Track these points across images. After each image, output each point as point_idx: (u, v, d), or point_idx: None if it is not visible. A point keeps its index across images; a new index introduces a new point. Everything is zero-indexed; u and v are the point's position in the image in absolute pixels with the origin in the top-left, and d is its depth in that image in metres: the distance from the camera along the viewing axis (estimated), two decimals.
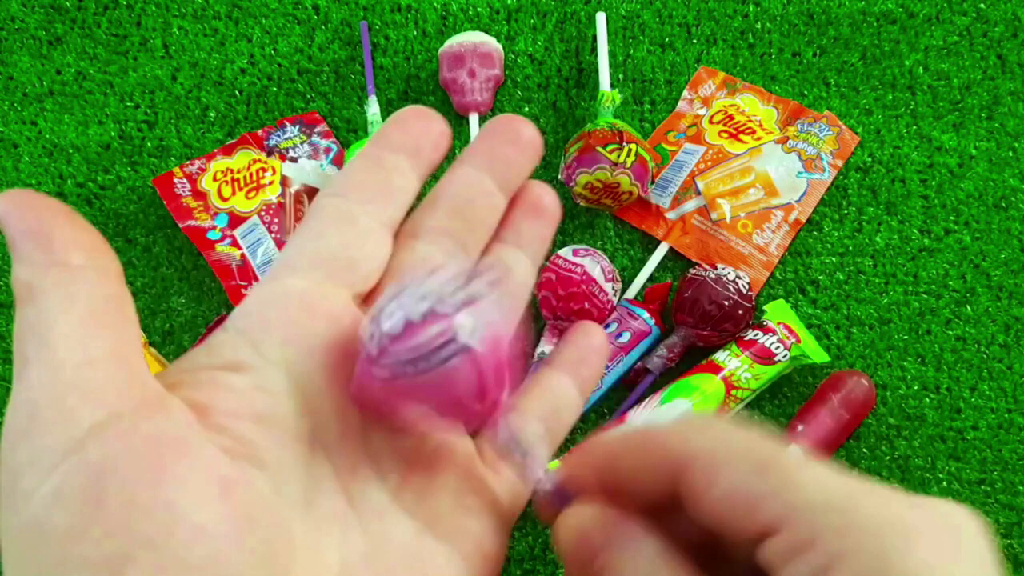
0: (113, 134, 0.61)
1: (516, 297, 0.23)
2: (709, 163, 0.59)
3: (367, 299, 0.21)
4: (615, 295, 0.55)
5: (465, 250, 0.22)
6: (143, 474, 0.15)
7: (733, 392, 0.51)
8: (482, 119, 0.61)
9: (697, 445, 0.17)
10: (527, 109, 0.62)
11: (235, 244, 0.56)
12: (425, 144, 0.22)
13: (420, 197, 0.23)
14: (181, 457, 0.16)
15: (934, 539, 0.15)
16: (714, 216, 0.57)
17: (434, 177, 0.26)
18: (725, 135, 0.60)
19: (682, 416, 0.18)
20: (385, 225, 0.21)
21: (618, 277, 0.56)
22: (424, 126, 0.22)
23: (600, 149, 0.54)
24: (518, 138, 0.22)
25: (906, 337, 0.56)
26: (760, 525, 0.16)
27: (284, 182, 0.58)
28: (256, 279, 0.56)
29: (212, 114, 0.62)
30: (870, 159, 0.60)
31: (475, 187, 0.22)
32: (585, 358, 0.24)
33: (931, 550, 0.15)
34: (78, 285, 0.17)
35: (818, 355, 0.53)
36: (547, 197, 0.24)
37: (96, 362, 0.16)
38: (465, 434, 0.20)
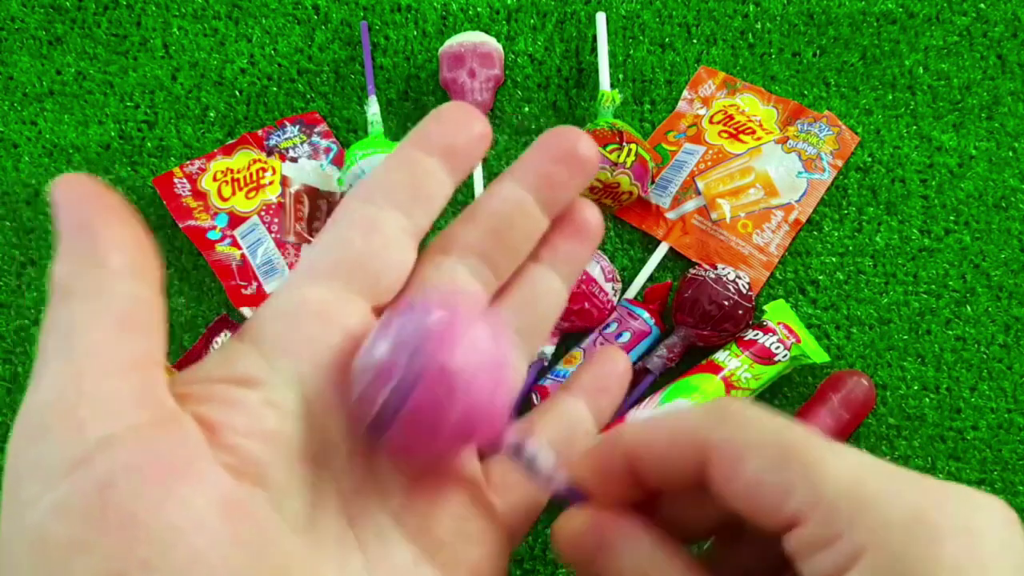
0: (113, 134, 0.61)
1: (543, 319, 0.23)
2: (709, 163, 0.59)
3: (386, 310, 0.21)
4: (615, 295, 0.55)
5: (495, 271, 0.22)
6: (147, 494, 0.15)
7: (733, 392, 0.51)
8: None
9: (721, 434, 0.17)
10: (527, 109, 0.62)
11: (235, 244, 0.56)
12: (462, 145, 0.21)
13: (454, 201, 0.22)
14: (187, 478, 0.16)
15: (960, 537, 0.14)
16: (714, 216, 0.57)
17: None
18: (725, 135, 0.60)
19: (708, 402, 0.18)
20: (411, 234, 0.21)
21: (618, 277, 0.56)
22: (463, 125, 0.21)
23: (600, 149, 0.54)
24: (572, 154, 0.21)
25: (906, 337, 0.56)
26: (785, 517, 0.16)
27: (284, 182, 0.58)
28: (256, 279, 0.56)
29: (212, 114, 0.62)
30: (870, 159, 0.60)
31: (516, 206, 0.21)
32: (606, 386, 0.24)
33: (956, 549, 0.14)
34: (113, 291, 0.16)
35: (818, 355, 0.53)
36: (593, 219, 0.23)
37: (115, 374, 0.16)
38: (473, 452, 0.20)
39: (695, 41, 0.64)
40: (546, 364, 0.54)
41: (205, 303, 0.57)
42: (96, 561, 0.14)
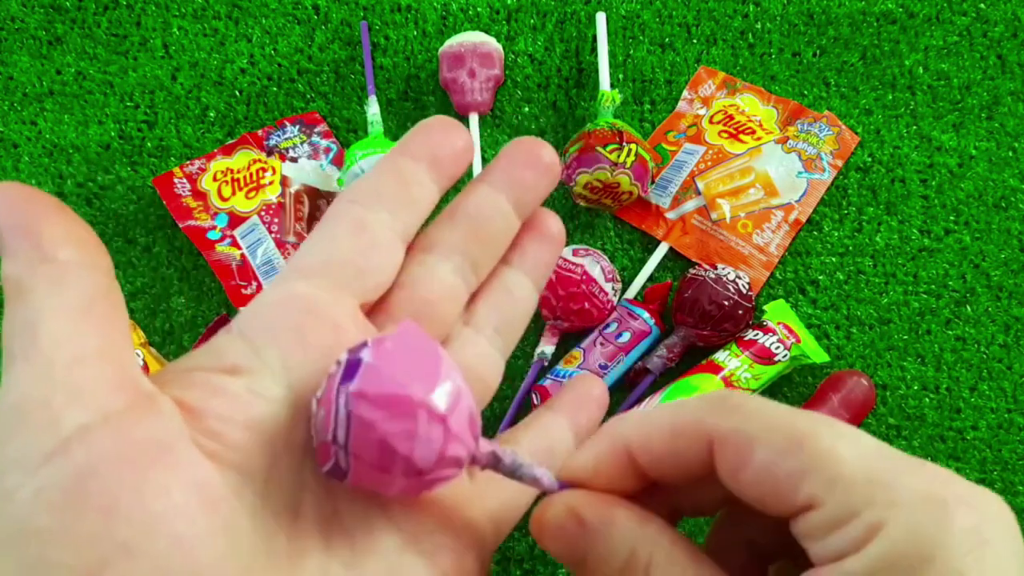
0: (113, 134, 0.61)
1: (518, 318, 0.24)
2: (709, 163, 0.59)
3: (374, 308, 0.21)
4: (615, 295, 0.55)
5: (475, 269, 0.23)
6: (125, 480, 0.15)
7: None
8: (482, 119, 0.61)
9: (727, 424, 0.17)
10: (527, 109, 0.62)
11: (235, 244, 0.56)
12: (447, 156, 0.22)
13: (436, 209, 0.23)
14: (165, 463, 0.16)
15: (968, 511, 0.15)
16: (714, 216, 0.57)
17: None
18: (725, 135, 0.60)
19: (711, 393, 0.18)
20: (399, 236, 0.21)
21: (618, 277, 0.56)
22: (448, 138, 0.22)
23: (600, 149, 0.54)
24: (538, 162, 0.23)
25: (906, 337, 0.56)
26: (798, 502, 0.16)
27: (284, 182, 0.58)
28: (256, 279, 0.56)
29: (212, 114, 0.62)
30: (870, 159, 0.60)
31: (492, 207, 0.22)
32: (584, 406, 0.25)
33: (965, 521, 0.15)
34: (67, 281, 0.16)
35: (818, 355, 0.53)
36: (554, 225, 0.24)
37: (85, 360, 0.16)
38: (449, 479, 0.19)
39: (695, 41, 0.63)
40: (546, 364, 0.54)
41: (205, 303, 0.57)
42: (77, 549, 0.14)
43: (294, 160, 0.59)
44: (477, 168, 0.58)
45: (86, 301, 0.17)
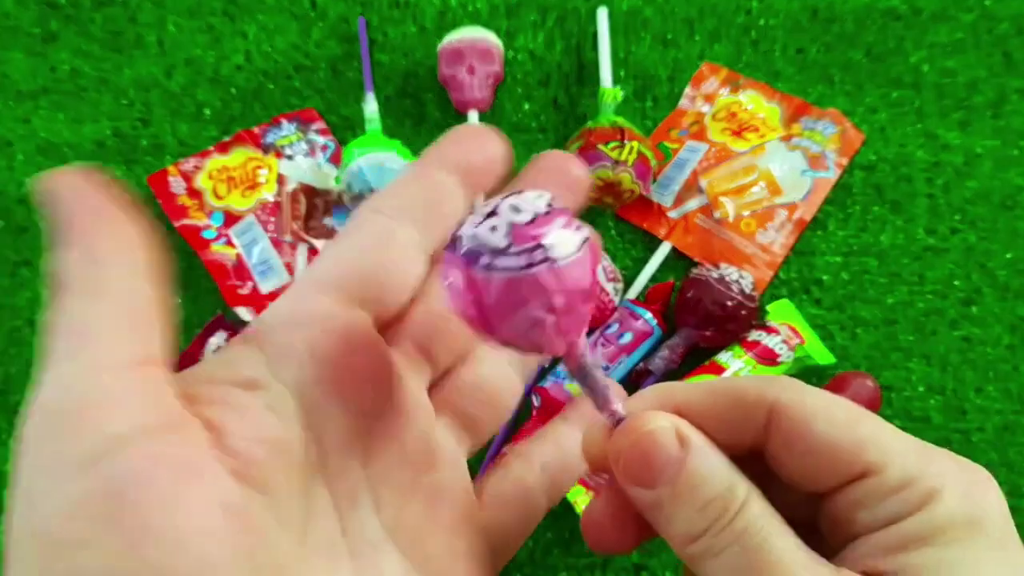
0: (108, 132, 0.60)
1: None
2: (712, 161, 0.58)
3: (391, 324, 0.21)
4: (617, 295, 0.54)
5: None
6: (157, 496, 0.15)
7: None
8: (482, 116, 0.60)
9: (793, 395, 0.18)
10: (527, 106, 0.61)
11: (230, 243, 0.56)
12: (480, 166, 0.21)
13: None
14: (194, 482, 0.16)
15: (998, 493, 0.17)
16: (717, 215, 0.57)
17: None
18: (728, 132, 0.59)
19: (763, 375, 0.19)
20: (424, 250, 0.21)
21: (620, 277, 0.55)
22: (481, 146, 0.21)
23: (601, 147, 0.53)
24: (566, 176, 0.22)
25: (911, 338, 0.55)
26: (856, 469, 0.17)
27: (280, 180, 0.58)
28: (252, 279, 0.55)
29: (207, 111, 0.61)
30: (875, 157, 0.59)
31: None
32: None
33: (999, 502, 0.17)
34: (116, 286, 0.16)
35: (823, 356, 0.52)
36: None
37: (123, 369, 0.16)
38: (560, 350, 0.18)
39: (698, 37, 0.63)
40: (546, 365, 0.54)
41: (200, 303, 0.56)
42: (105, 561, 0.14)
43: (290, 158, 0.58)
44: None
45: (131, 308, 0.17)
